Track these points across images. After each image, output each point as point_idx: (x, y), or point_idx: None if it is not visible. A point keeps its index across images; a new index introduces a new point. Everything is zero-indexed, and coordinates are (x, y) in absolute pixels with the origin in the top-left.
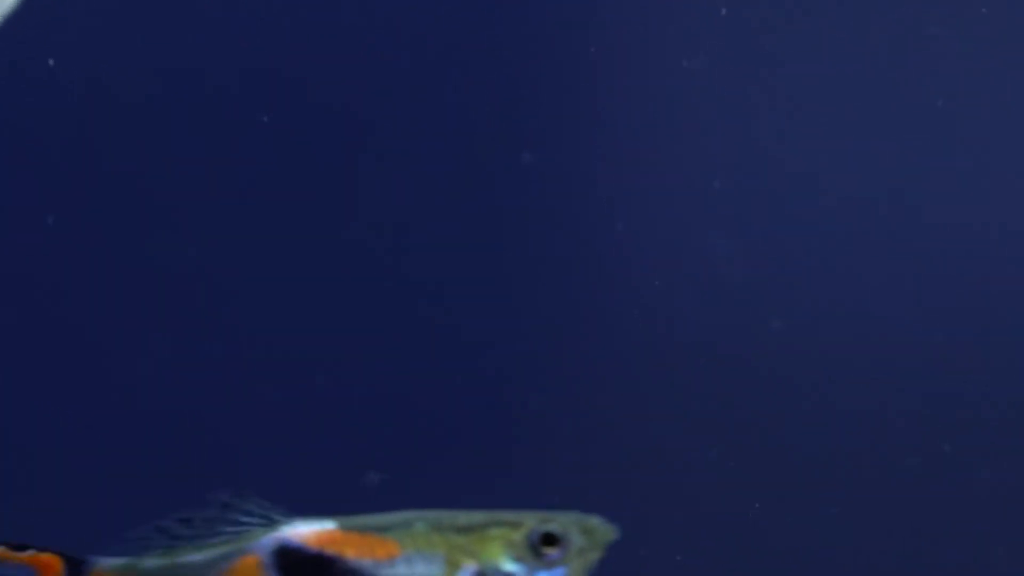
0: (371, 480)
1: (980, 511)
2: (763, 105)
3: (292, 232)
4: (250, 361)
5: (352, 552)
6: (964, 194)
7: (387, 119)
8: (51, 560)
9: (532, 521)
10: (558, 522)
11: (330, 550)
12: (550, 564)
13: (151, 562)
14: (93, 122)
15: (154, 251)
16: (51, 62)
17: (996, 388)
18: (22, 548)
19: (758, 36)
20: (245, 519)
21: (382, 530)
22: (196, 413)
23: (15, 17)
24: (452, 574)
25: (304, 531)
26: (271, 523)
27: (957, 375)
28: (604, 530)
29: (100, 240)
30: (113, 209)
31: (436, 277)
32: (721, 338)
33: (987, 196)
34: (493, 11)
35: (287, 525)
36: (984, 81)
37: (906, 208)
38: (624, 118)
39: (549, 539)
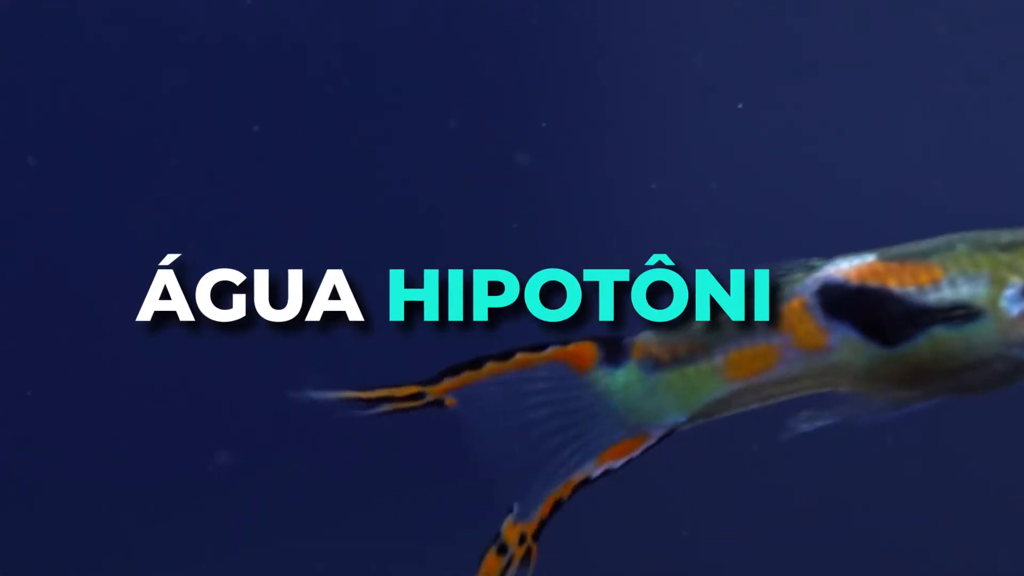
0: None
1: (986, 507)
2: (761, 106)
3: (289, 226)
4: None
5: (894, 281)
6: (967, 194)
7: (385, 116)
8: (581, 348)
9: None
10: None
11: (872, 282)
12: None
13: (695, 325)
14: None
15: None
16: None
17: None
18: (541, 347)
19: (759, 34)
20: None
21: (923, 256)
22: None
23: None
24: (998, 292)
25: (845, 267)
26: (812, 268)
27: None
28: None
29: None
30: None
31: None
32: None
33: (990, 195)
34: (493, 10)
35: (829, 264)
36: (988, 81)
37: (908, 208)
38: (620, 119)
39: None
